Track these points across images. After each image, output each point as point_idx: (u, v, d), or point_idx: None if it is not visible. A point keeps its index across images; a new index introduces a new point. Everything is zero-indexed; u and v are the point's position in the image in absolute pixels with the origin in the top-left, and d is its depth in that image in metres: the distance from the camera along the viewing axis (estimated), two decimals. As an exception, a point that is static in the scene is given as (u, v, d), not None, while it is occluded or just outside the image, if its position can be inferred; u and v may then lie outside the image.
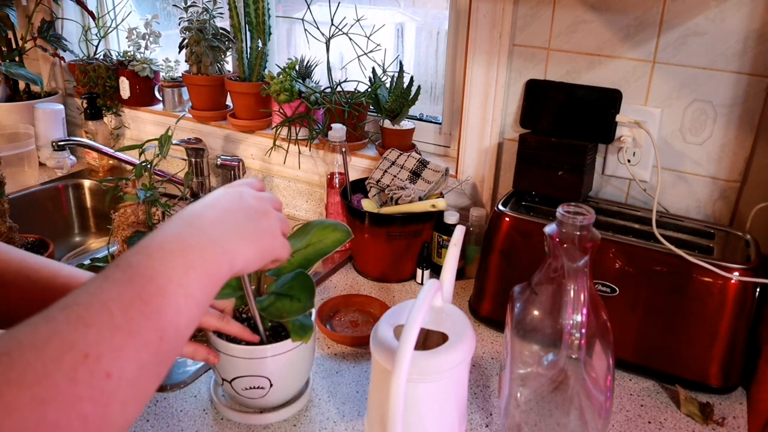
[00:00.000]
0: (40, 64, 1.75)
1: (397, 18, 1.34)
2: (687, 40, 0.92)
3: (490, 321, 0.97)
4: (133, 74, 1.54)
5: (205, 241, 0.45)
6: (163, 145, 0.95)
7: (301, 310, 0.66)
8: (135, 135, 1.63)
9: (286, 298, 0.68)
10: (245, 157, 1.42)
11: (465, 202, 1.19)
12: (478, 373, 0.86)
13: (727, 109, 0.93)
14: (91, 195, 1.57)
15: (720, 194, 0.97)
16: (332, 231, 0.75)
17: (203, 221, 0.47)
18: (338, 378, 0.85)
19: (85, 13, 1.67)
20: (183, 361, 0.87)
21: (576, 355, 0.64)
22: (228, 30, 1.38)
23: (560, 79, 1.04)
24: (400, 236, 1.06)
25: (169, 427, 0.74)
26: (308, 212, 1.39)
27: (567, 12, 0.99)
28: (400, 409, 0.57)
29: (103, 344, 0.34)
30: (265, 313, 0.69)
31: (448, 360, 0.62)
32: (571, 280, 0.63)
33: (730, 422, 0.78)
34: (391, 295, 1.07)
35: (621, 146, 0.99)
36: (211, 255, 0.45)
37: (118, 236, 0.91)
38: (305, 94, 1.25)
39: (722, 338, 0.80)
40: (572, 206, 0.63)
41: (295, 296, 0.68)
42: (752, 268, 0.79)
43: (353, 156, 1.27)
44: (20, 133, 1.54)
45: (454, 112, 1.24)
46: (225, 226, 0.48)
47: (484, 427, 0.76)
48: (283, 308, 0.67)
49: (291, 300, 0.67)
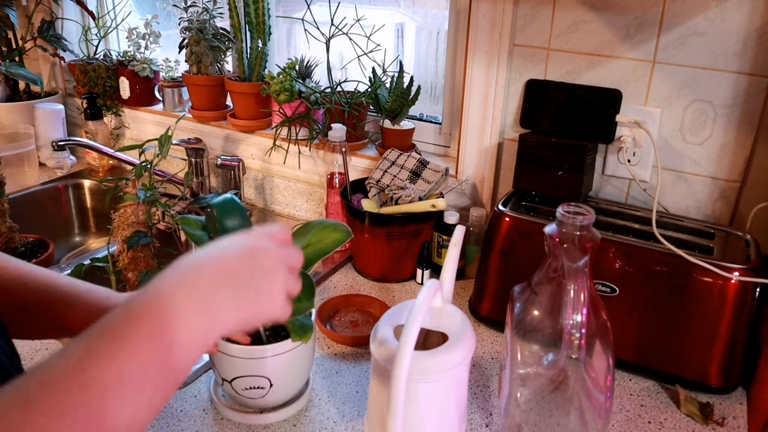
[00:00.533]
0: (40, 64, 1.75)
1: (397, 18, 1.34)
2: (687, 40, 0.92)
3: (490, 321, 0.97)
4: (133, 74, 1.54)
5: (192, 302, 0.43)
6: (163, 145, 0.95)
7: (301, 310, 0.66)
8: (135, 135, 1.63)
9: None
10: (245, 157, 1.42)
11: (465, 202, 1.19)
12: (478, 373, 0.86)
13: (727, 109, 0.93)
14: (91, 195, 1.57)
15: (720, 194, 0.97)
16: (332, 231, 0.75)
17: (200, 278, 0.45)
18: (338, 378, 0.85)
19: (85, 13, 1.67)
20: (183, 361, 0.87)
21: (576, 355, 0.64)
22: (228, 30, 1.38)
23: (560, 79, 1.04)
24: (400, 236, 1.06)
25: (169, 427, 0.74)
26: (308, 212, 1.39)
27: (567, 12, 0.99)
28: (400, 409, 0.57)
29: None
30: None
31: (448, 360, 0.62)
32: (571, 280, 0.63)
33: (730, 422, 0.78)
34: (391, 295, 1.07)
35: (621, 146, 0.99)
36: (195, 319, 0.43)
37: (118, 236, 0.91)
38: (305, 94, 1.25)
39: (722, 338, 0.80)
40: (572, 206, 0.63)
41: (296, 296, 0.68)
42: (752, 268, 0.79)
43: (353, 156, 1.27)
44: (20, 133, 1.54)
45: (454, 112, 1.24)
46: (222, 287, 0.45)
47: (484, 427, 0.76)
48: None
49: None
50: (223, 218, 0.63)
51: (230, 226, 0.63)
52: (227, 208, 0.63)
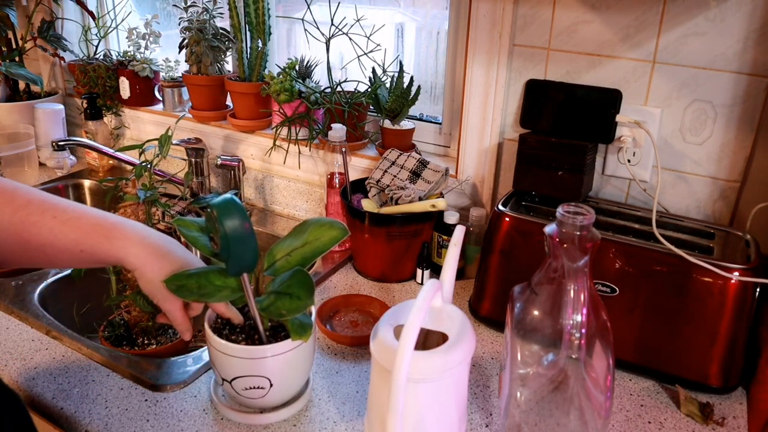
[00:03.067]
0: (40, 64, 1.75)
1: (397, 18, 1.34)
2: (687, 40, 0.92)
3: (490, 321, 0.97)
4: (133, 74, 1.54)
5: None
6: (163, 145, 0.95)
7: (301, 307, 0.66)
8: (135, 135, 1.63)
9: (286, 296, 0.68)
10: (245, 157, 1.42)
11: (465, 202, 1.19)
12: (478, 373, 0.86)
13: (727, 109, 0.93)
14: (91, 195, 1.57)
15: (720, 194, 0.97)
16: (329, 229, 0.75)
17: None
18: (338, 378, 0.85)
19: (85, 13, 1.67)
20: (183, 361, 0.87)
21: (576, 355, 0.64)
22: (228, 30, 1.38)
23: (560, 79, 1.04)
24: (400, 236, 1.06)
25: (169, 427, 0.74)
26: (308, 212, 1.39)
27: (567, 12, 0.99)
28: (400, 409, 0.57)
29: None
30: (265, 313, 0.69)
31: (448, 360, 0.62)
32: (571, 280, 0.63)
33: (730, 422, 0.78)
34: (391, 295, 1.07)
35: (621, 146, 1.00)
36: None
37: (118, 236, 0.91)
38: (305, 94, 1.25)
39: (722, 338, 0.80)
40: (572, 206, 0.63)
41: (295, 294, 0.67)
42: (752, 268, 0.79)
43: (353, 156, 1.27)
44: (20, 133, 1.54)
45: (454, 112, 1.24)
46: None
47: (484, 427, 0.76)
48: (284, 307, 0.67)
49: (291, 298, 0.67)
50: (223, 218, 0.63)
51: (230, 226, 0.63)
52: (227, 208, 0.63)
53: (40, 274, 1.09)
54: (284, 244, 0.75)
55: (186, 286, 0.67)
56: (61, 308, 1.04)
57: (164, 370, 0.85)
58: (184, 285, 0.67)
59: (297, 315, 0.67)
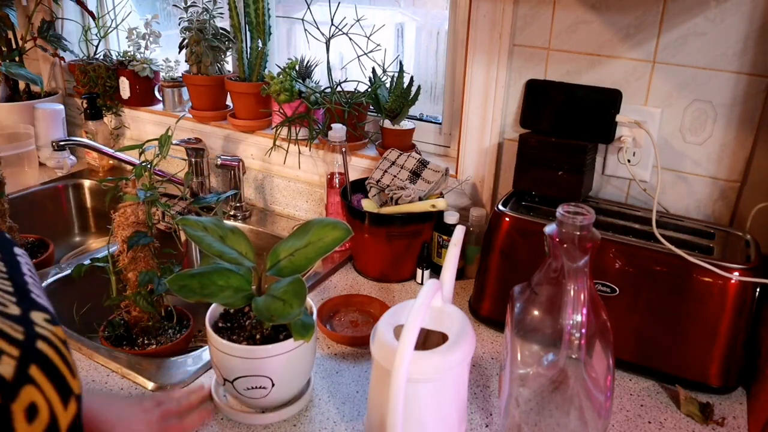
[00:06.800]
0: (40, 64, 1.75)
1: (397, 18, 1.34)
2: (687, 40, 0.92)
3: (490, 321, 0.97)
4: (133, 74, 1.54)
5: None
6: (163, 145, 0.95)
7: (290, 315, 0.67)
8: (135, 135, 1.63)
9: (279, 301, 0.69)
10: (245, 157, 1.42)
11: (465, 202, 1.19)
12: (478, 373, 0.86)
13: (727, 109, 0.93)
14: (91, 195, 1.57)
15: (720, 194, 0.97)
16: (332, 229, 0.75)
17: None
18: (338, 378, 0.85)
19: (85, 13, 1.67)
20: (183, 361, 0.87)
21: (576, 355, 0.64)
22: (228, 30, 1.38)
23: (560, 79, 1.04)
24: (400, 236, 1.06)
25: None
26: (308, 212, 1.39)
27: (567, 12, 0.99)
28: (400, 409, 0.57)
29: None
30: (257, 312, 0.69)
31: (448, 360, 0.62)
32: (571, 280, 0.63)
33: (730, 422, 0.78)
34: (391, 295, 1.07)
35: (621, 146, 1.00)
36: None
37: (118, 236, 0.91)
38: (305, 94, 1.25)
39: (722, 338, 0.80)
40: (572, 206, 0.63)
41: (287, 301, 0.68)
42: (752, 268, 0.79)
43: (353, 156, 1.27)
44: (20, 133, 1.54)
45: (454, 112, 1.24)
46: None
47: (484, 427, 0.76)
48: (275, 311, 0.68)
49: (283, 304, 0.68)
50: None
51: None
52: None
53: (40, 275, 1.09)
54: (287, 244, 0.75)
55: (188, 286, 0.67)
56: (61, 308, 1.04)
57: (164, 370, 0.85)
58: (187, 285, 0.67)
59: (284, 321, 0.67)
